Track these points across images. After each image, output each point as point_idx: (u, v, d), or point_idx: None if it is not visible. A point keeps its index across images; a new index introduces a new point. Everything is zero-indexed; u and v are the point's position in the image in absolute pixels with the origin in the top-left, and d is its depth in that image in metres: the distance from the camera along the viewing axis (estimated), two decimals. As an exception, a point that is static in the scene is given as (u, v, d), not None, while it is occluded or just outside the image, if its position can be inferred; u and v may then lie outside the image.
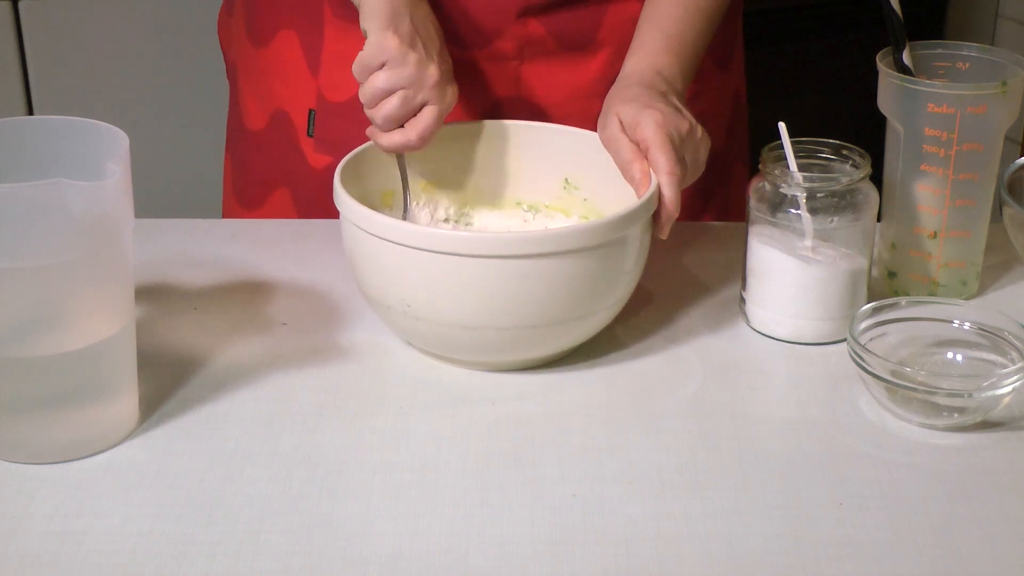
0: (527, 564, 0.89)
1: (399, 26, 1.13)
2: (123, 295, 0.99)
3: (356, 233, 1.06)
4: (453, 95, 1.16)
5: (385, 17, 1.13)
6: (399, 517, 0.93)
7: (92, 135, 0.98)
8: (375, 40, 1.13)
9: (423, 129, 1.14)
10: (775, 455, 1.00)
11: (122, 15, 2.25)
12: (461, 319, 1.04)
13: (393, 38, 1.12)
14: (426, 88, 1.13)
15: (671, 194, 1.07)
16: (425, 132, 1.14)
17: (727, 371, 1.10)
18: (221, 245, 1.28)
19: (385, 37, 1.13)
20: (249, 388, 1.07)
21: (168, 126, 2.31)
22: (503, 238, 1.04)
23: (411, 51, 1.13)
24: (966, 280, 1.19)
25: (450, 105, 1.16)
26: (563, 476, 0.97)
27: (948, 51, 1.19)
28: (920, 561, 0.90)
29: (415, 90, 1.13)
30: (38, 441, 0.98)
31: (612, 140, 1.12)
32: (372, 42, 1.13)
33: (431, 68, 1.13)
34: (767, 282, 1.13)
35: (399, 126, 1.14)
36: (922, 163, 1.15)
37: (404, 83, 1.13)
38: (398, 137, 1.14)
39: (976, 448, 1.01)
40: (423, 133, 1.14)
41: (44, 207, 0.90)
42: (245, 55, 1.38)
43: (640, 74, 1.17)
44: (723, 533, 0.92)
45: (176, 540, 0.91)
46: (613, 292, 1.08)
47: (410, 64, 1.13)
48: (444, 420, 1.04)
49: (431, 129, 1.14)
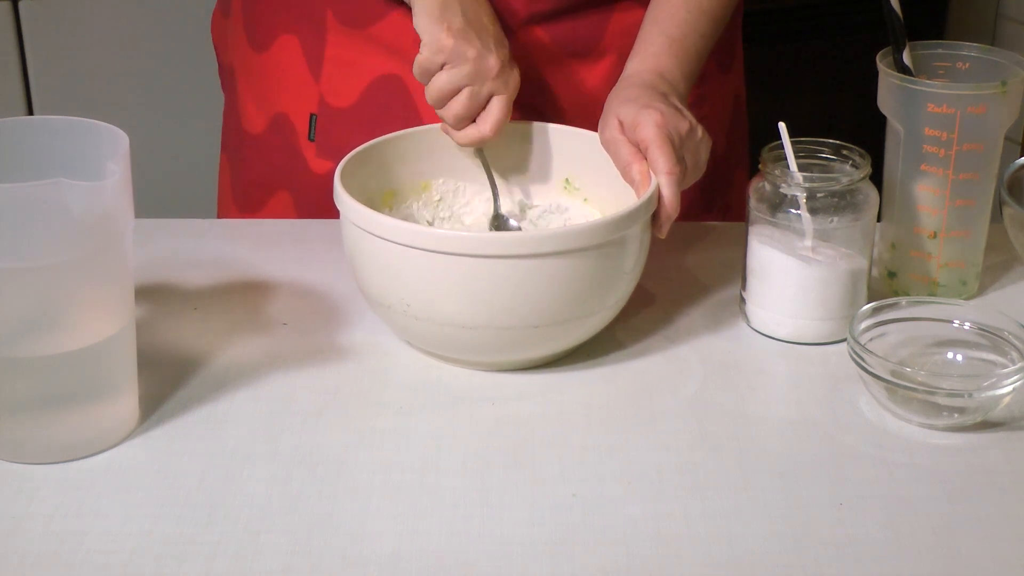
0: (527, 564, 0.89)
1: (451, 22, 1.13)
2: (123, 295, 0.99)
3: (356, 233, 1.06)
4: (516, 79, 1.17)
5: (436, 13, 1.13)
6: (399, 517, 0.93)
7: (92, 135, 0.98)
8: (429, 40, 1.13)
9: (495, 121, 1.16)
10: (775, 455, 1.00)
11: (122, 15, 2.25)
12: (461, 319, 1.04)
13: (448, 36, 1.13)
14: (490, 80, 1.14)
15: (670, 194, 1.07)
16: (497, 123, 1.16)
17: (727, 371, 1.10)
18: (221, 245, 1.28)
19: (440, 36, 1.13)
20: (249, 388, 1.07)
21: (168, 126, 2.31)
22: (503, 238, 1.04)
23: (468, 46, 1.13)
24: (966, 280, 1.19)
25: (515, 90, 1.17)
26: (563, 476, 0.97)
27: (948, 51, 1.19)
28: (920, 561, 0.90)
29: (479, 84, 1.14)
30: (38, 441, 0.98)
31: (612, 141, 1.12)
32: (427, 43, 1.14)
33: (491, 59, 1.14)
34: (767, 282, 1.13)
35: (471, 121, 1.16)
36: (922, 163, 1.15)
37: (467, 80, 1.14)
38: (473, 132, 1.16)
39: (976, 448, 1.01)
40: (495, 125, 1.16)
41: (44, 207, 0.90)
42: (244, 59, 1.38)
43: (641, 75, 1.17)
44: (723, 533, 0.92)
45: (176, 540, 0.91)
46: (613, 292, 1.08)
47: (470, 60, 1.13)
48: (444, 420, 1.04)
49: (503, 119, 1.16)
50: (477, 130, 1.16)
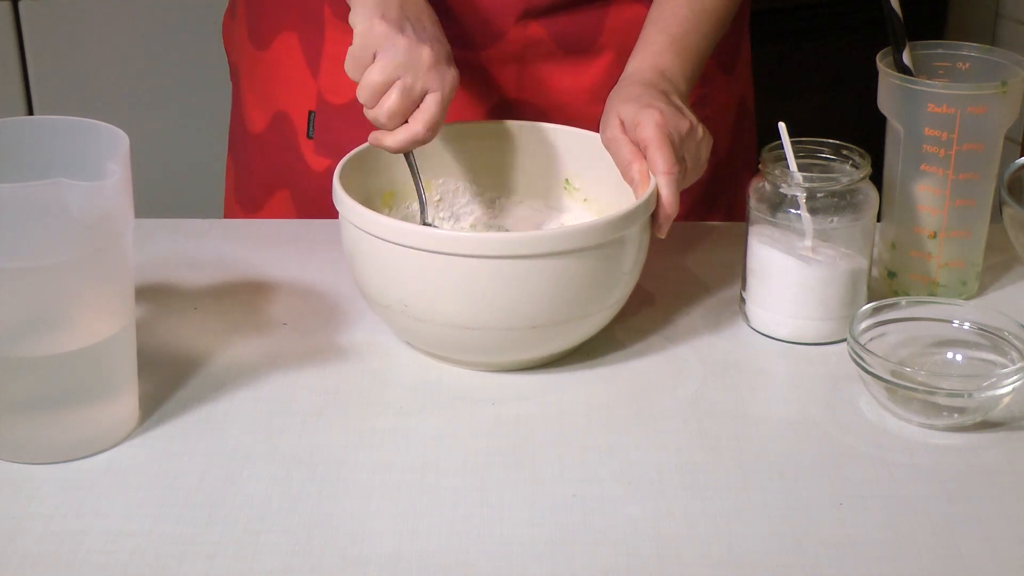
0: (527, 564, 0.89)
1: (386, 12, 1.10)
2: (123, 295, 0.99)
3: (355, 233, 1.06)
4: (453, 79, 1.12)
5: (372, 5, 1.11)
6: (399, 517, 0.93)
7: (92, 135, 0.98)
8: (362, 29, 1.10)
9: (429, 119, 1.10)
10: (775, 455, 1.00)
11: (122, 15, 2.25)
12: (460, 320, 1.04)
13: (380, 23, 1.09)
14: (422, 72, 1.09)
15: (668, 193, 1.07)
16: (431, 121, 1.10)
17: (727, 371, 1.10)
18: (221, 245, 1.28)
19: (372, 24, 1.09)
20: (249, 388, 1.07)
21: (168, 126, 2.31)
22: (502, 238, 1.04)
23: (400, 35, 1.09)
24: (966, 280, 1.19)
25: (452, 89, 1.11)
26: (563, 476, 0.97)
27: (948, 51, 1.19)
28: (920, 561, 0.90)
29: (412, 77, 1.09)
30: (38, 441, 0.98)
31: (612, 141, 1.12)
32: (360, 32, 1.10)
33: (424, 50, 1.09)
34: (767, 282, 1.13)
35: (404, 121, 1.11)
36: (922, 163, 1.15)
37: (398, 69, 1.09)
38: (404, 133, 1.10)
39: (976, 448, 1.01)
40: (429, 123, 1.10)
41: (44, 207, 0.90)
42: (247, 58, 1.38)
43: (642, 73, 1.17)
44: (723, 533, 0.92)
45: (176, 540, 0.91)
46: (612, 293, 1.08)
47: (400, 48, 1.09)
48: (444, 420, 1.04)
49: (436, 117, 1.10)
50: (409, 130, 1.10)
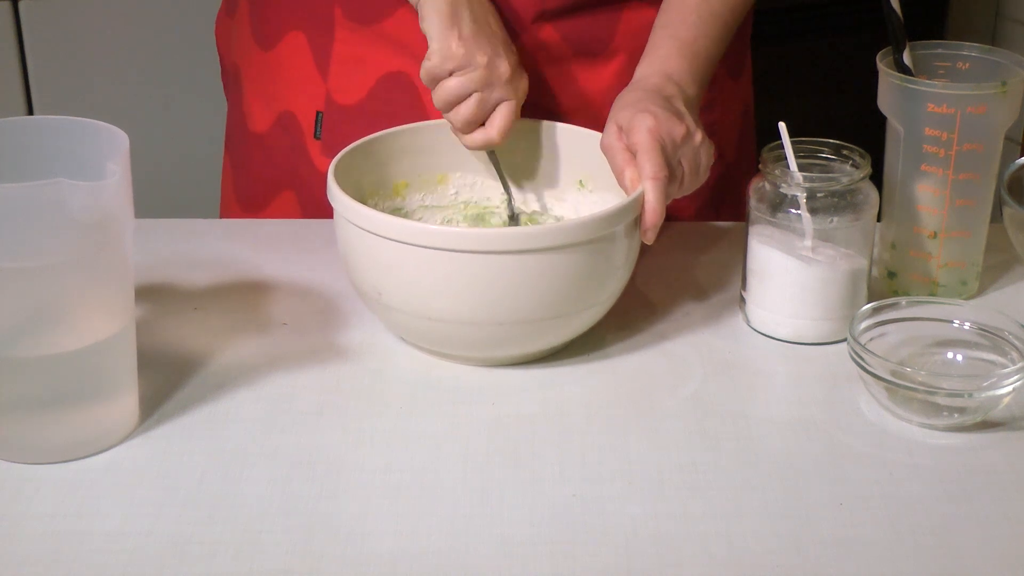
0: (527, 564, 0.89)
1: (461, 28, 1.13)
2: (123, 295, 0.99)
3: (348, 228, 1.06)
4: (525, 85, 1.18)
5: (446, 19, 1.13)
6: (399, 517, 0.93)
7: (92, 135, 0.98)
8: (439, 47, 1.13)
9: (503, 126, 1.16)
10: (775, 455, 1.00)
11: (122, 15, 2.25)
12: (452, 315, 1.04)
13: (458, 43, 1.13)
14: (499, 86, 1.15)
15: (653, 199, 1.07)
16: (505, 129, 1.16)
17: (727, 371, 1.10)
18: (221, 245, 1.28)
19: (449, 43, 1.13)
20: (249, 388, 1.07)
21: (168, 126, 2.31)
22: (490, 234, 1.04)
23: (479, 53, 1.14)
24: (966, 280, 1.19)
25: (524, 94, 1.18)
26: (563, 476, 0.97)
27: (948, 51, 1.19)
28: (920, 561, 0.90)
29: (488, 91, 1.15)
30: (38, 441, 0.98)
31: (608, 147, 1.12)
32: (436, 49, 1.14)
33: (502, 65, 1.15)
34: (767, 282, 1.13)
35: (479, 125, 1.17)
36: (922, 163, 1.15)
37: (477, 86, 1.14)
38: (479, 137, 1.17)
39: (976, 448, 1.01)
40: (503, 130, 1.16)
41: (44, 207, 0.90)
42: (250, 57, 1.38)
43: (648, 78, 1.17)
44: (723, 533, 0.92)
45: (176, 540, 0.91)
46: (605, 287, 1.08)
47: (480, 67, 1.14)
48: (444, 420, 1.04)
49: (510, 125, 1.16)
50: (485, 135, 1.17)
